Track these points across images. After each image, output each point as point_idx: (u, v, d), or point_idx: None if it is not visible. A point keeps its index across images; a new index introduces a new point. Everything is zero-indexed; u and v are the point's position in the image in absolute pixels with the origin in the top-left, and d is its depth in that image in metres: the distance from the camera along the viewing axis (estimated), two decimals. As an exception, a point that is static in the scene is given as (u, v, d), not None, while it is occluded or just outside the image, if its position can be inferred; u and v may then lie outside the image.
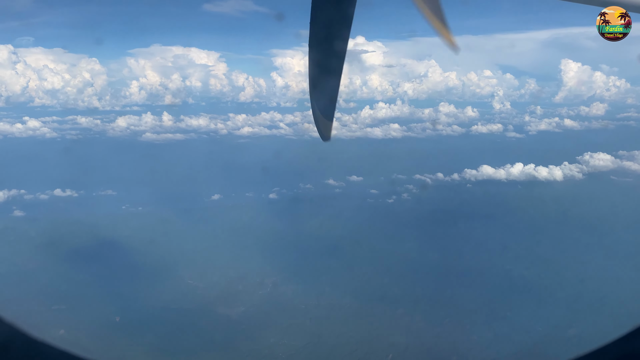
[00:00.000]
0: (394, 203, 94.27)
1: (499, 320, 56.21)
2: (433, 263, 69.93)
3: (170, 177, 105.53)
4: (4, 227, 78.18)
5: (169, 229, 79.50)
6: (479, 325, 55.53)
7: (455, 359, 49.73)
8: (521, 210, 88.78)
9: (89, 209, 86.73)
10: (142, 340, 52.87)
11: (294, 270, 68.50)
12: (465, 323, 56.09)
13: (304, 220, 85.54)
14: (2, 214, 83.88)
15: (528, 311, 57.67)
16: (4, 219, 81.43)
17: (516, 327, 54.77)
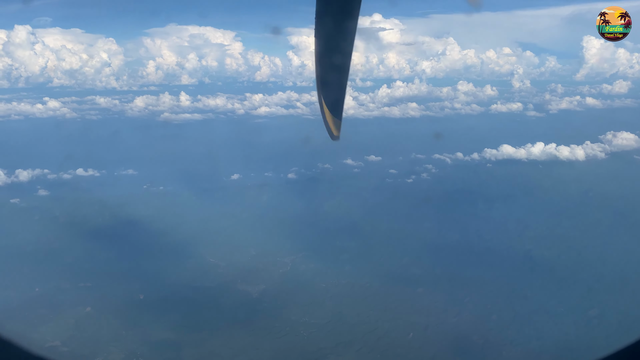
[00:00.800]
0: (413, 183, 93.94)
1: (519, 300, 56.19)
2: (453, 243, 69.84)
3: (190, 157, 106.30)
4: (29, 206, 79.78)
5: (189, 208, 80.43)
6: (499, 305, 55.59)
7: (475, 339, 49.95)
8: (542, 190, 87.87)
9: (111, 188, 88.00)
10: (165, 317, 53.94)
11: (313, 250, 68.95)
12: (485, 303, 56.18)
13: (323, 199, 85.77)
14: (28, 193, 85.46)
15: (549, 292, 57.50)
16: (30, 198, 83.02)
17: (537, 308, 54.70)
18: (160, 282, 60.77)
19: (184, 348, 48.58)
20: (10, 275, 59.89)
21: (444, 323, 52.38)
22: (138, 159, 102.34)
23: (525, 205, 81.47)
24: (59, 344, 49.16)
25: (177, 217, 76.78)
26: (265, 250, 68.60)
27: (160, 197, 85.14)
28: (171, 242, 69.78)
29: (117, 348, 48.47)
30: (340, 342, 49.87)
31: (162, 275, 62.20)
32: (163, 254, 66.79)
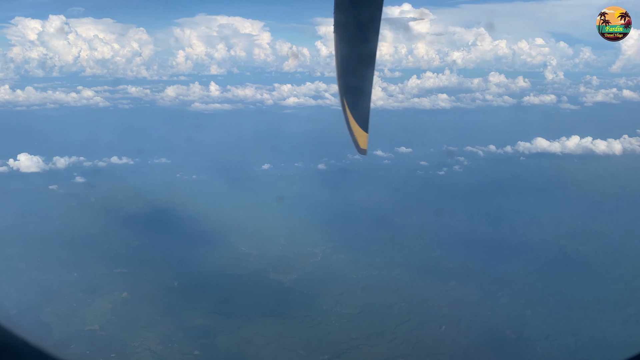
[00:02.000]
0: (444, 175, 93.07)
1: (554, 295, 55.40)
2: (485, 236, 69.11)
3: (221, 147, 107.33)
4: (66, 192, 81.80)
5: (221, 197, 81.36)
6: (533, 301, 54.93)
7: (509, 333, 49.52)
8: (577, 184, 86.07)
9: (145, 176, 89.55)
10: (199, 304, 54.88)
11: (343, 240, 69.09)
12: (519, 298, 55.57)
13: (353, 190, 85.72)
14: (65, 180, 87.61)
15: (584, 288, 56.51)
16: (67, 185, 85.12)
17: (572, 304, 53.86)
18: (193, 269, 61.76)
19: (218, 335, 49.38)
20: (50, 260, 61.66)
21: (476, 317, 52.03)
22: (171, 147, 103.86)
23: (560, 199, 79.93)
24: (97, 327, 50.50)
25: (209, 205, 77.73)
26: (296, 240, 69.01)
27: (193, 185, 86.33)
28: (203, 230, 70.73)
29: (153, 333, 49.54)
30: (372, 332, 50.02)
31: (195, 262, 63.18)
32: (196, 241, 67.77)
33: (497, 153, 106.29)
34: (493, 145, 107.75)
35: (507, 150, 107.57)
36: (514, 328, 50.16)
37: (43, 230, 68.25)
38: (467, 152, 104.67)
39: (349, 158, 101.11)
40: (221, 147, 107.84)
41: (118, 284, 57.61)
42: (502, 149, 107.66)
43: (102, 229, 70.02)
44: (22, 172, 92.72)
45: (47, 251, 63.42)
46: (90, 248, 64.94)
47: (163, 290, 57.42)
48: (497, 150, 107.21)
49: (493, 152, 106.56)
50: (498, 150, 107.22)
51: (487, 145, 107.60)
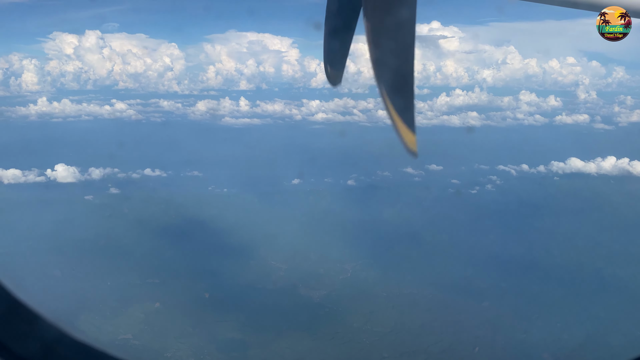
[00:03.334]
0: (477, 194, 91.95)
1: (591, 320, 53.88)
2: (519, 257, 67.89)
3: (252, 161, 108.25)
4: (101, 203, 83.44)
5: (252, 211, 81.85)
6: (570, 324, 53.56)
7: (546, 357, 48.28)
8: (614, 206, 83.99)
9: (178, 189, 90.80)
10: (230, 317, 55.12)
11: (373, 257, 68.70)
12: (555, 321, 54.27)
13: (383, 207, 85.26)
14: (100, 191, 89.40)
15: (623, 313, 54.89)
16: (102, 196, 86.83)
17: (611, 329, 52.26)
18: (224, 281, 62.13)
19: (250, 348, 49.43)
20: (85, 268, 62.81)
21: (511, 339, 50.96)
22: (202, 161, 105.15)
23: (596, 221, 78.06)
24: (131, 337, 51.06)
25: (240, 218, 78.26)
26: (326, 255, 68.87)
27: (224, 198, 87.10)
28: (234, 242, 71.20)
29: (185, 345, 49.87)
30: (404, 352, 49.41)
31: (226, 275, 63.54)
32: (227, 254, 68.23)
33: (530, 172, 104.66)
34: (526, 165, 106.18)
35: (541, 169, 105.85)
36: (550, 351, 48.96)
37: (78, 239, 69.56)
38: (499, 171, 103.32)
39: (379, 174, 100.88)
40: (251, 161, 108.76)
41: (151, 294, 58.26)
42: (535, 169, 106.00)
43: (135, 239, 71.07)
44: (59, 182, 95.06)
45: (82, 260, 64.61)
46: (124, 258, 65.93)
47: (195, 302, 57.86)
48: (530, 169, 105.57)
49: (526, 171, 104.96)
50: (531, 169, 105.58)
51: (520, 165, 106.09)
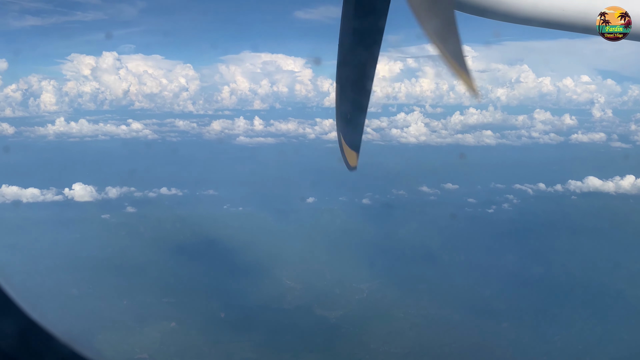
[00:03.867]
0: (494, 213, 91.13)
1: (615, 343, 52.66)
2: (538, 277, 66.89)
3: (267, 180, 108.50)
4: (118, 222, 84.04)
5: (267, 229, 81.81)
6: (592, 346, 52.41)
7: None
8: (634, 225, 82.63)
9: (194, 208, 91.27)
10: (246, 337, 54.67)
11: (389, 277, 68.05)
12: (577, 342, 53.16)
13: (399, 226, 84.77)
14: (117, 209, 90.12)
15: (647, 335, 53.57)
16: (118, 215, 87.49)
17: (635, 351, 51.02)
18: (239, 301, 61.81)
19: (267, 369, 48.88)
20: (101, 287, 62.92)
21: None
22: (217, 179, 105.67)
23: (616, 241, 76.79)
24: (147, 356, 50.85)
25: (255, 237, 78.21)
26: (341, 275, 68.35)
27: (240, 217, 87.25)
28: (249, 261, 71.02)
29: (201, 365, 49.51)
30: (423, 374, 48.57)
31: (241, 294, 63.27)
32: (242, 273, 68.04)
33: (547, 191, 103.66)
34: (543, 184, 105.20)
35: (558, 188, 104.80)
36: (573, 375, 47.83)
37: (95, 257, 69.93)
38: (515, 190, 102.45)
39: (394, 193, 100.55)
40: (266, 179, 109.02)
41: (167, 314, 58.09)
42: (552, 188, 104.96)
43: (151, 258, 71.22)
44: (77, 201, 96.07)
45: (99, 278, 64.79)
46: (140, 276, 66.00)
47: (210, 322, 57.56)
48: (547, 188, 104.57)
49: (543, 190, 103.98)
50: (548, 188, 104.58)
51: (537, 183, 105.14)
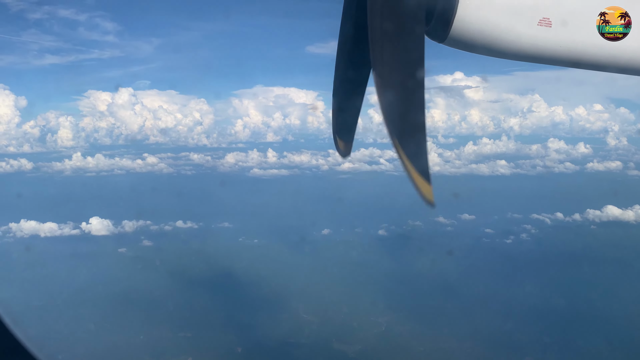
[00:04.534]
0: (512, 243, 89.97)
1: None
2: (560, 309, 65.42)
3: (281, 211, 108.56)
4: (134, 256, 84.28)
5: (283, 262, 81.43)
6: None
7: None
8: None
9: (209, 240, 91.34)
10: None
11: (408, 310, 67.02)
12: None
13: (416, 258, 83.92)
14: (133, 243, 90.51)
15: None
16: (135, 249, 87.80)
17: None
18: (256, 335, 61.10)
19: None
20: (118, 321, 62.66)
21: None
22: (233, 212, 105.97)
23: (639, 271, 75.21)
24: (164, 393, 50.19)
25: (271, 269, 77.83)
26: (359, 308, 67.46)
27: (255, 249, 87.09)
28: (265, 294, 70.49)
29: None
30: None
31: (258, 328, 62.56)
32: (259, 306, 67.45)
33: (565, 221, 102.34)
34: (560, 213, 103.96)
35: (576, 218, 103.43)
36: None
37: (111, 292, 69.88)
38: (533, 219, 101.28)
39: (410, 224, 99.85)
40: (281, 211, 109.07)
41: (183, 348, 57.56)
42: (570, 217, 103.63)
43: (168, 292, 71.00)
44: (94, 235, 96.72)
45: (116, 313, 64.60)
46: (156, 311, 65.75)
47: (227, 356, 56.92)
48: (566, 218, 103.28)
49: (561, 220, 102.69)
50: (566, 218, 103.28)
51: (554, 213, 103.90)
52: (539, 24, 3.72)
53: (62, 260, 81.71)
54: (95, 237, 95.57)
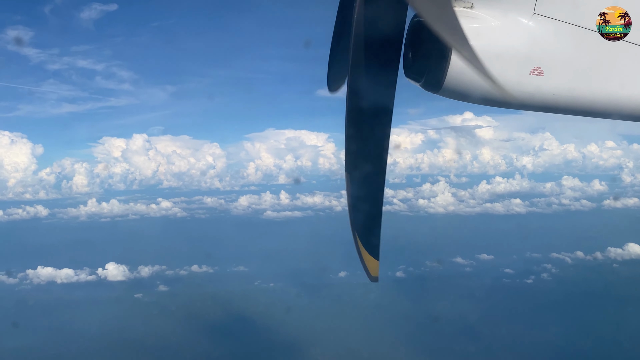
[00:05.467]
0: (533, 284, 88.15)
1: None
2: (586, 351, 63.46)
3: (297, 254, 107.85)
4: (150, 301, 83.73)
5: (300, 306, 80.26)
6: None
7: None
8: (685, 294, 78.75)
9: (225, 285, 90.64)
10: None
11: (429, 354, 65.42)
12: None
13: (436, 300, 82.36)
14: (149, 288, 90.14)
15: None
16: (151, 294, 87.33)
17: None
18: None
19: None
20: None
21: None
22: (247, 255, 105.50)
23: (666, 309, 73.02)
24: None
25: (287, 314, 76.66)
26: (379, 353, 65.95)
27: (271, 293, 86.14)
28: (284, 340, 69.20)
29: None
30: None
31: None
32: (276, 352, 66.23)
33: (586, 260, 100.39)
34: (581, 252, 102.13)
35: (597, 256, 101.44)
36: None
37: (128, 338, 69.11)
38: (553, 259, 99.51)
39: (428, 265, 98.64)
40: (296, 254, 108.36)
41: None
42: (591, 256, 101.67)
43: (184, 337, 70.03)
44: (110, 280, 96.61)
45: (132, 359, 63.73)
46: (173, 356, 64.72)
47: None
48: (586, 256, 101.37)
49: (582, 259, 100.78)
50: (587, 256, 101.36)
51: (574, 252, 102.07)
52: (532, 72, 3.78)
53: (79, 306, 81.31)
54: (112, 283, 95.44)
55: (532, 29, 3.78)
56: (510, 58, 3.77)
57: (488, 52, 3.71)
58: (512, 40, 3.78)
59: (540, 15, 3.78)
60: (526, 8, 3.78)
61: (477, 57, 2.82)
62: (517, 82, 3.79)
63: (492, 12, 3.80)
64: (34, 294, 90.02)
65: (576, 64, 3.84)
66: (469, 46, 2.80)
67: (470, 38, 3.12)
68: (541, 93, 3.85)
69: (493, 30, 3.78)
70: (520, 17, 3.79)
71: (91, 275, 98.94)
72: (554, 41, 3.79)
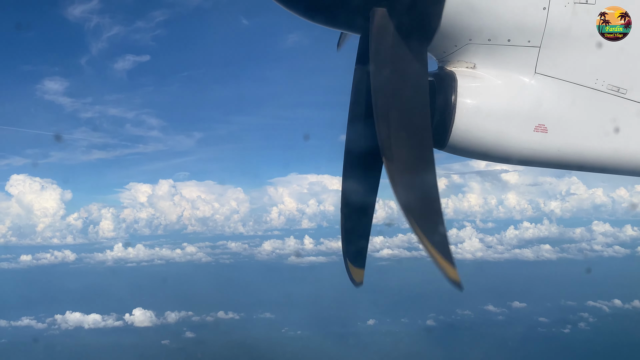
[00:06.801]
0: (570, 333, 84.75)
1: None
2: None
3: (323, 301, 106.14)
4: (177, 347, 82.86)
5: (328, 355, 78.53)
6: None
7: None
8: None
9: (252, 332, 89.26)
10: None
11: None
12: None
13: (468, 350, 79.73)
14: (176, 334, 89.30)
15: None
16: (177, 340, 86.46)
17: None
18: None
19: None
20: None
21: None
22: (273, 302, 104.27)
23: None
24: None
25: (317, 364, 75.02)
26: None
27: (299, 341, 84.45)
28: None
29: None
30: None
31: None
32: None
33: (625, 308, 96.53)
34: (618, 300, 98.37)
35: (636, 305, 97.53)
36: None
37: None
38: (589, 307, 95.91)
39: (459, 313, 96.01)
40: (323, 300, 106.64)
41: None
42: (629, 304, 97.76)
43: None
44: (137, 326, 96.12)
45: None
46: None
47: None
48: (625, 305, 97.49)
49: (620, 307, 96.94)
50: (625, 305, 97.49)
51: (611, 300, 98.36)
52: (535, 130, 3.87)
53: (106, 352, 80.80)
54: (138, 329, 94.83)
55: (534, 88, 3.89)
56: (514, 116, 3.88)
57: (490, 111, 3.83)
58: (515, 98, 3.89)
59: (542, 75, 3.89)
60: (528, 68, 3.90)
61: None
62: (521, 139, 3.88)
63: (494, 72, 3.93)
64: (62, 340, 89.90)
65: (579, 121, 3.93)
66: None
67: (472, 96, 3.38)
68: (546, 149, 3.94)
69: (495, 89, 3.90)
70: (522, 76, 3.90)
71: (118, 320, 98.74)
72: (557, 99, 3.90)
